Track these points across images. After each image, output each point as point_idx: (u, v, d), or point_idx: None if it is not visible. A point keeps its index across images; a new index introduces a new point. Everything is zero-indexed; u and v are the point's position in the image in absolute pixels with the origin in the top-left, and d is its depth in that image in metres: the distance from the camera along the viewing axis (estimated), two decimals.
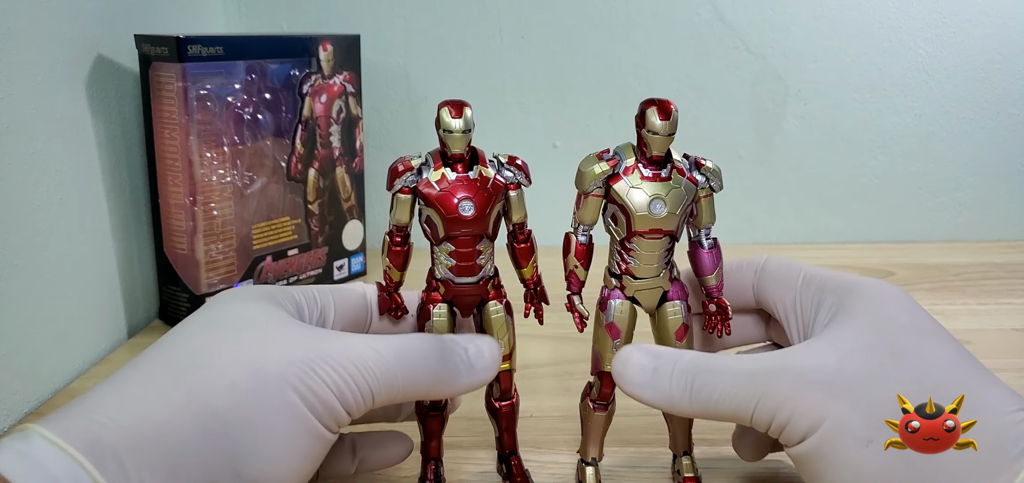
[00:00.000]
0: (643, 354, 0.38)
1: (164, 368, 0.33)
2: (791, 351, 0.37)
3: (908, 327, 0.36)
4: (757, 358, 0.37)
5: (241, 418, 0.32)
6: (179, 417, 0.31)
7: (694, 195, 0.40)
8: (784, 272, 0.42)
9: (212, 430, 0.31)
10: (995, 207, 0.89)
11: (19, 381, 0.53)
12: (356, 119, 0.76)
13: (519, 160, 0.40)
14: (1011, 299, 0.71)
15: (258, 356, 0.33)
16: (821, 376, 0.35)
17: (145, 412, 0.31)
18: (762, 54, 0.85)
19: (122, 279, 0.65)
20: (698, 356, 0.38)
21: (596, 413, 0.43)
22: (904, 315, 0.37)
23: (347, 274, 0.79)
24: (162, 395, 0.31)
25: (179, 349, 0.34)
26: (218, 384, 0.32)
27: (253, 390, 0.32)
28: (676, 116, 0.38)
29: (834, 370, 0.35)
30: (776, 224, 0.90)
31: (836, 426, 0.34)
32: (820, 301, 0.39)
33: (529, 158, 0.41)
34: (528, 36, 0.85)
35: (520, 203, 0.41)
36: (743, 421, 0.36)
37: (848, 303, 0.38)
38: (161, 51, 0.61)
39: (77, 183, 0.59)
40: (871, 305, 0.37)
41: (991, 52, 0.85)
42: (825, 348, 0.36)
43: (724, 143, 0.88)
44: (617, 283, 0.41)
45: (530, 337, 0.65)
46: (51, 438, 0.28)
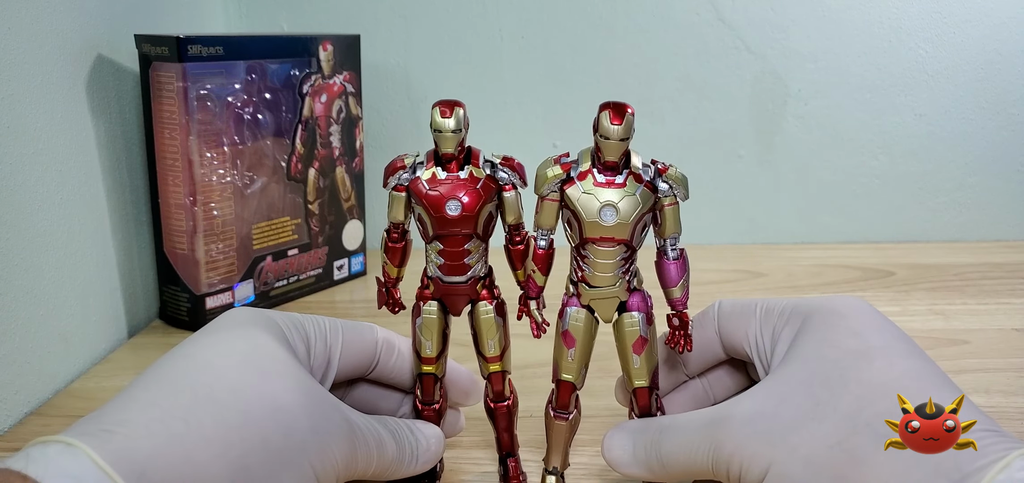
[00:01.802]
0: (623, 434, 0.40)
1: (206, 405, 0.33)
2: (736, 400, 0.37)
3: (853, 350, 0.36)
4: (709, 410, 0.38)
5: (266, 475, 0.33)
6: (216, 464, 0.31)
7: (652, 203, 0.38)
8: (740, 309, 0.42)
9: (240, 481, 0.32)
10: (995, 207, 0.89)
11: (20, 381, 0.53)
12: (356, 119, 0.76)
13: (515, 161, 0.40)
14: (1011, 299, 0.71)
15: (288, 419, 0.34)
16: (760, 425, 0.35)
17: (189, 453, 0.31)
18: (762, 54, 0.85)
19: (122, 279, 0.65)
20: (663, 420, 0.39)
21: (557, 422, 0.42)
22: (851, 338, 0.36)
23: (347, 274, 0.79)
24: (204, 437, 0.32)
25: (219, 386, 0.34)
26: (253, 438, 0.33)
27: (280, 452, 0.34)
28: (631, 120, 0.36)
29: (771, 416, 0.35)
30: (776, 224, 0.90)
31: (780, 473, 0.34)
32: (780, 332, 0.39)
33: (529, 158, 0.41)
34: (528, 36, 0.85)
35: (514, 205, 0.41)
36: (707, 475, 0.37)
37: (800, 332, 0.38)
38: (161, 51, 0.61)
39: (77, 183, 0.59)
40: (818, 332, 0.37)
41: (991, 52, 0.85)
42: (766, 392, 0.37)
43: (724, 143, 0.88)
44: (574, 291, 0.40)
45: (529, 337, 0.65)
46: (102, 466, 0.28)
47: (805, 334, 0.38)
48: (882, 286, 0.75)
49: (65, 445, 0.29)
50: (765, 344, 0.40)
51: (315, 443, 0.35)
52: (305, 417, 0.35)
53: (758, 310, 0.41)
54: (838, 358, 0.35)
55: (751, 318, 0.41)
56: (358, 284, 0.79)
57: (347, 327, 0.43)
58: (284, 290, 0.73)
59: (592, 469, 0.46)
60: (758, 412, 0.36)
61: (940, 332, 0.65)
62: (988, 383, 0.55)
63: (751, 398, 0.37)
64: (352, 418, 0.38)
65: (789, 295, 0.72)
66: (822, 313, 0.38)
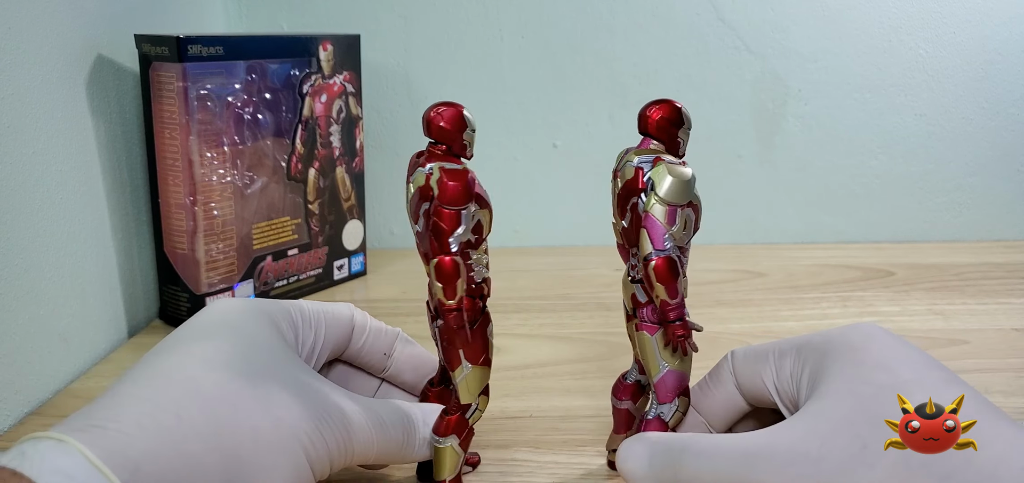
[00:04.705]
0: (640, 445, 0.38)
1: (195, 400, 0.33)
2: (775, 431, 0.36)
3: (887, 385, 0.35)
4: (743, 438, 0.36)
5: (258, 464, 0.33)
6: (209, 456, 0.32)
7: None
8: (755, 354, 0.41)
9: (233, 471, 0.32)
10: (995, 207, 0.89)
11: (20, 381, 0.53)
12: (356, 119, 0.76)
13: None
14: (1011, 299, 0.71)
15: (279, 407, 0.35)
16: (804, 468, 0.34)
17: (181, 445, 0.31)
18: (762, 54, 0.85)
19: (122, 279, 0.65)
20: (688, 438, 0.37)
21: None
22: (881, 372, 0.36)
23: (347, 274, 0.79)
24: (195, 430, 0.32)
25: (208, 379, 0.34)
26: (243, 428, 0.33)
27: (271, 442, 0.34)
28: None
29: (816, 459, 0.34)
30: (776, 224, 0.90)
31: None
32: (801, 369, 0.38)
33: (529, 158, 0.41)
34: (528, 36, 0.85)
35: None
36: None
37: (826, 366, 0.37)
38: (161, 51, 0.61)
39: (77, 183, 0.59)
40: (846, 369, 0.36)
41: (991, 52, 0.85)
42: (806, 430, 0.35)
43: (724, 143, 0.88)
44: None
45: (530, 337, 0.65)
46: (96, 464, 0.28)
47: (831, 370, 0.36)
48: (882, 286, 0.75)
49: (57, 441, 0.29)
50: (786, 385, 0.39)
51: (308, 430, 0.35)
52: (297, 405, 0.35)
53: (772, 354, 0.40)
54: (874, 394, 0.35)
55: (767, 362, 0.40)
56: (358, 284, 0.79)
57: (327, 310, 0.43)
58: (284, 290, 0.73)
59: (592, 469, 0.46)
60: (802, 453, 0.34)
61: (940, 332, 0.65)
62: (987, 383, 0.55)
63: (790, 433, 0.35)
64: (344, 404, 0.38)
65: (789, 295, 0.73)
66: (842, 348, 0.37)
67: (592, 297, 0.73)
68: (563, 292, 0.74)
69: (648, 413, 0.40)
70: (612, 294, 0.73)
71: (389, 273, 0.81)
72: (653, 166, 0.38)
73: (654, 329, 0.39)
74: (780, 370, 0.40)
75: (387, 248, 0.90)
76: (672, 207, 0.37)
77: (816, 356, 0.38)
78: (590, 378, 0.57)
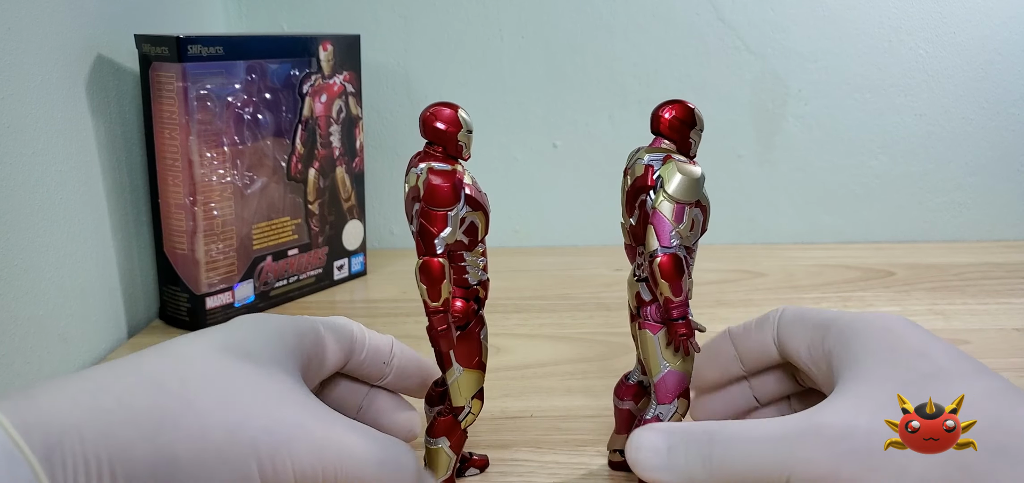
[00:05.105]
0: (655, 434, 0.35)
1: (147, 391, 0.32)
2: (817, 411, 0.35)
3: (927, 373, 0.34)
4: (780, 422, 0.34)
5: (198, 465, 0.31)
6: (141, 446, 0.30)
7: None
8: (801, 317, 0.41)
9: (162, 468, 0.30)
10: (995, 207, 0.89)
11: (19, 381, 0.52)
12: (356, 119, 0.76)
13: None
14: (1011, 299, 0.71)
15: (238, 415, 0.32)
16: (856, 443, 0.32)
17: (110, 430, 0.30)
18: (762, 54, 0.85)
19: (122, 279, 0.65)
20: (711, 425, 0.35)
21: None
22: (919, 360, 0.35)
23: (347, 274, 0.79)
24: (132, 418, 0.30)
25: (170, 375, 0.33)
26: (190, 427, 0.31)
27: (217, 449, 0.31)
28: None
29: (867, 431, 0.32)
30: (776, 224, 0.90)
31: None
32: (832, 346, 0.38)
33: (529, 158, 0.41)
34: (528, 36, 0.85)
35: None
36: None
37: (860, 347, 0.36)
38: (161, 51, 0.61)
39: (77, 183, 0.59)
40: (885, 352, 0.36)
41: (991, 52, 0.85)
42: (852, 406, 0.34)
43: (724, 143, 0.88)
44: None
45: (530, 337, 0.65)
46: (14, 437, 0.27)
47: (867, 351, 0.36)
48: (882, 286, 0.75)
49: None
50: (820, 357, 0.38)
51: (267, 444, 0.32)
52: (260, 417, 0.33)
53: (811, 323, 0.40)
54: (914, 380, 0.34)
55: (807, 330, 0.40)
56: (358, 284, 0.79)
57: (328, 325, 0.41)
58: (284, 290, 0.73)
59: (593, 469, 0.46)
60: (850, 427, 0.33)
61: (940, 332, 0.64)
62: None
63: (835, 411, 0.34)
64: (314, 427, 0.34)
65: (789, 295, 0.73)
66: (880, 331, 0.37)
67: (592, 297, 0.73)
68: (563, 292, 0.74)
69: (647, 413, 0.40)
70: (612, 294, 0.73)
71: (389, 273, 0.81)
72: (663, 164, 0.38)
73: (657, 328, 0.39)
74: (813, 340, 0.39)
75: (387, 248, 0.90)
76: (680, 205, 0.37)
77: (847, 335, 0.37)
78: (591, 378, 0.57)
